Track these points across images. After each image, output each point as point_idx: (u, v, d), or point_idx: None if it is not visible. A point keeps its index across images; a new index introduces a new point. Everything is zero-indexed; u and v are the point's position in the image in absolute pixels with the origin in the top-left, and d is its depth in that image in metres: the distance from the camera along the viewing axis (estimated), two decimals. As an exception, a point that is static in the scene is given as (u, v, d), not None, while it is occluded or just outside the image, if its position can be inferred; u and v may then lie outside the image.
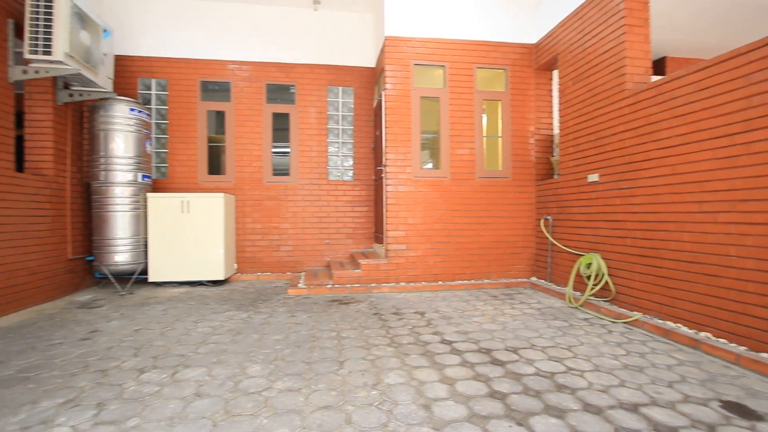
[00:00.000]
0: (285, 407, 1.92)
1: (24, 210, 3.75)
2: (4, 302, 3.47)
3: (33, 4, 3.51)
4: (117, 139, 4.53)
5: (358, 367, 2.41)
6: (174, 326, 3.24)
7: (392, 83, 4.82)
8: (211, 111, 5.55)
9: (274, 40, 5.57)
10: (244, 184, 5.51)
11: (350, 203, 5.73)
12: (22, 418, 1.82)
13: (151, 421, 1.79)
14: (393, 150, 4.81)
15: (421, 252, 4.84)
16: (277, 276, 5.50)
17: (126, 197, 4.59)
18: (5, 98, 3.58)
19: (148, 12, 5.32)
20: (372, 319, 3.48)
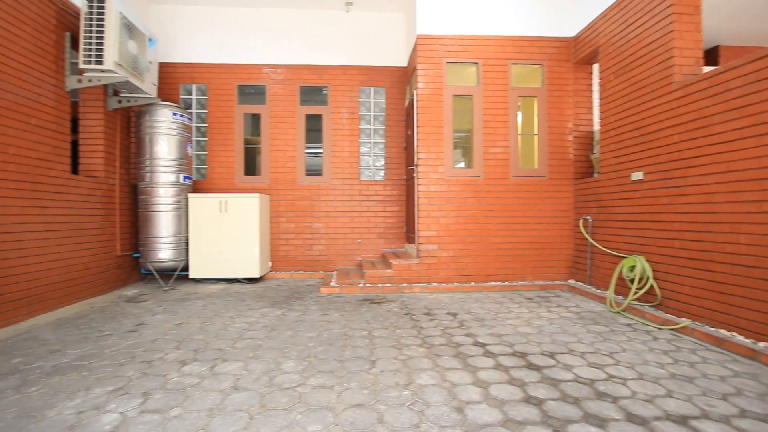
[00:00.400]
0: (318, 403, 1.94)
1: (78, 209, 4.02)
2: (61, 295, 3.74)
3: (87, 18, 3.76)
4: (161, 142, 4.77)
5: (389, 366, 2.41)
6: (213, 321, 3.36)
7: (424, 82, 4.79)
8: (247, 114, 5.73)
9: (307, 42, 5.67)
10: (278, 184, 5.65)
11: (382, 203, 5.74)
12: (77, 403, 1.95)
13: (192, 411, 1.87)
14: (425, 149, 4.78)
15: (453, 252, 4.77)
16: (310, 274, 5.59)
17: (169, 197, 4.82)
18: (62, 106, 3.85)
19: (190, 21, 5.57)
20: (403, 319, 3.47)
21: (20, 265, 3.29)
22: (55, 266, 3.68)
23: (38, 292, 3.48)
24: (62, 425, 1.75)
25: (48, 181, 3.62)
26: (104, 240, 4.43)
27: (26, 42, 3.42)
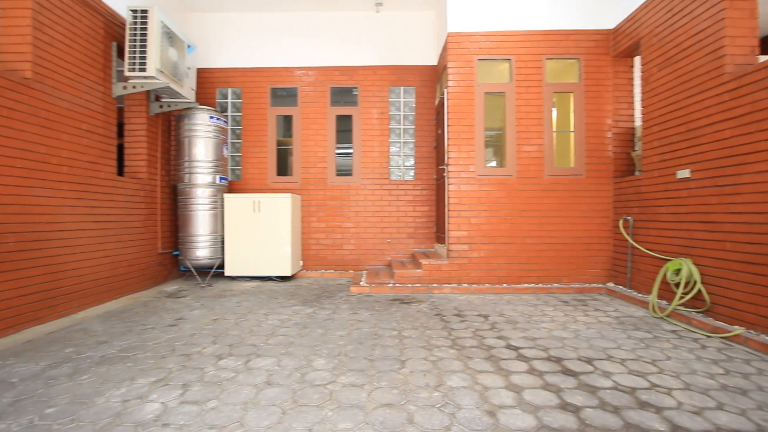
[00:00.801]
0: (348, 401, 1.95)
1: (124, 209, 4.25)
2: (108, 289, 3.97)
3: (131, 27, 3.97)
4: (199, 145, 4.97)
5: (419, 367, 2.39)
6: (247, 318, 3.46)
7: (455, 80, 4.72)
8: (279, 115, 5.87)
9: (338, 44, 5.74)
10: (309, 184, 5.75)
11: (411, 203, 5.72)
12: (123, 392, 2.06)
13: (227, 404, 1.93)
14: (455, 148, 4.71)
15: (484, 253, 4.68)
16: (340, 273, 5.65)
17: (206, 198, 5.01)
18: (109, 111, 4.09)
19: (226, 27, 5.77)
20: (433, 319, 3.44)
21: (73, 261, 3.52)
22: (104, 263, 3.91)
23: (89, 286, 3.71)
24: (110, 412, 1.85)
25: (97, 182, 3.85)
26: (147, 238, 4.66)
27: (78, 53, 3.66)
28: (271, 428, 1.72)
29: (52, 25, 3.37)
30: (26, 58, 3.15)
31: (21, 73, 3.13)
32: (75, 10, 3.61)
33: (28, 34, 3.16)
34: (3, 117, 2.88)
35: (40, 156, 3.20)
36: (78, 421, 1.77)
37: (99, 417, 1.81)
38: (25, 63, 3.15)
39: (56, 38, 3.41)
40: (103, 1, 3.93)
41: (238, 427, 1.72)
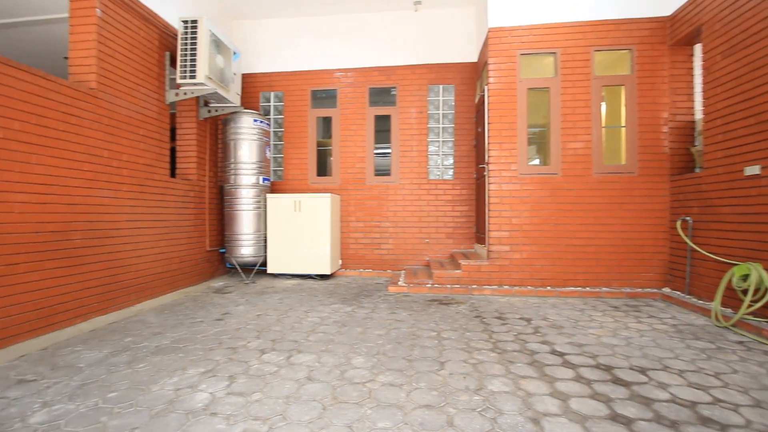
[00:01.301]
0: (387, 401, 1.95)
1: (176, 209, 4.52)
2: (162, 284, 4.23)
3: (183, 37, 4.20)
4: (243, 147, 5.18)
5: (459, 369, 2.35)
6: (288, 314, 3.56)
7: (496, 76, 4.60)
8: (319, 117, 5.99)
9: (376, 44, 5.77)
10: (348, 184, 5.82)
11: (450, 202, 5.64)
12: (175, 380, 2.18)
13: (271, 397, 1.99)
14: (496, 146, 4.59)
15: (526, 254, 4.52)
16: (378, 273, 5.68)
17: (250, 198, 5.21)
18: (163, 117, 4.35)
19: (269, 33, 5.97)
20: (473, 321, 3.36)
21: (132, 257, 3.78)
22: (158, 259, 4.17)
23: (145, 281, 3.97)
24: (164, 399, 1.96)
25: (152, 184, 4.11)
26: (196, 236, 4.92)
27: (136, 63, 3.92)
28: (312, 423, 1.75)
29: (114, 39, 3.63)
30: (91, 69, 3.43)
31: (87, 83, 3.41)
32: (133, 23, 3.88)
33: (93, 48, 3.43)
34: (72, 125, 3.15)
35: (103, 160, 3.46)
36: (136, 406, 1.89)
37: (154, 403, 1.92)
38: (91, 74, 3.42)
39: (117, 50, 3.67)
40: (157, 14, 4.19)
41: (280, 420, 1.77)
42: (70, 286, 3.11)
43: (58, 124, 3.03)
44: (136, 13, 3.90)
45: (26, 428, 1.71)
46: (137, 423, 1.75)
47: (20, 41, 5.50)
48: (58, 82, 3.03)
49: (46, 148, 2.92)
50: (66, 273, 3.07)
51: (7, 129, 2.65)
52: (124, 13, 3.75)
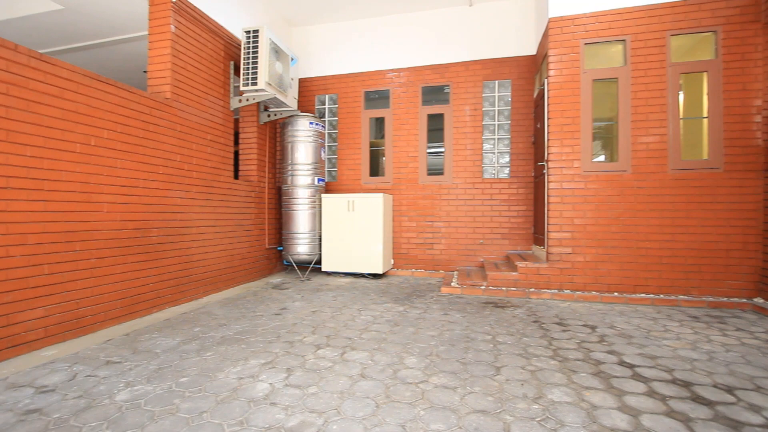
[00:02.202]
0: (441, 403, 1.91)
1: (238, 209, 4.80)
2: (226, 279, 4.52)
3: (245, 46, 4.45)
4: (300, 149, 5.37)
5: (516, 375, 2.25)
6: (342, 312, 3.63)
7: (557, 69, 4.36)
8: (372, 118, 6.06)
9: (429, 43, 5.72)
10: (400, 184, 5.83)
11: (506, 202, 5.44)
12: (238, 370, 2.31)
13: (326, 391, 2.03)
14: (557, 143, 4.35)
15: (590, 257, 4.23)
16: (430, 273, 5.62)
17: (306, 198, 5.40)
18: (228, 123, 4.64)
19: (323, 38, 6.15)
20: (531, 326, 3.21)
21: (200, 253, 4.07)
22: (223, 255, 4.46)
23: (211, 275, 4.26)
24: (228, 387, 2.08)
25: (218, 185, 4.40)
26: (256, 235, 5.19)
27: (204, 73, 4.22)
28: (366, 419, 1.76)
29: (185, 52, 3.94)
30: (166, 81, 3.74)
31: (163, 94, 3.73)
32: (202, 36, 4.18)
33: (167, 62, 3.74)
34: (150, 132, 3.46)
35: (176, 163, 3.77)
36: (204, 392, 2.03)
37: (220, 390, 2.05)
38: (166, 86, 3.74)
39: (188, 62, 3.98)
40: (223, 26, 4.48)
41: (335, 415, 1.80)
42: (148, 278, 3.42)
43: (138, 132, 3.34)
44: (204, 27, 4.20)
45: (113, 404, 1.90)
46: (205, 407, 1.87)
47: (108, 59, 6.16)
48: (138, 93, 3.34)
49: (128, 153, 3.23)
50: (145, 266, 3.39)
51: (98, 137, 2.97)
52: (194, 28, 4.05)
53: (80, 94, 2.84)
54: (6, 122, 2.39)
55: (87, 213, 2.88)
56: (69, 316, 2.76)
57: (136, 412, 1.82)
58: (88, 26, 5.07)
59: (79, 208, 2.82)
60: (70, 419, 1.77)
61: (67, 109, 2.75)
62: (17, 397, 1.96)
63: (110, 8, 4.61)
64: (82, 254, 2.84)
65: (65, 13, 4.70)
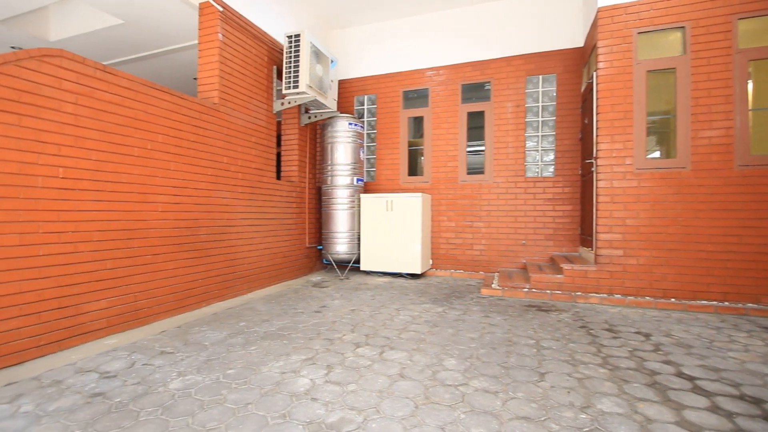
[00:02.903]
0: (481, 407, 1.87)
1: (280, 208, 4.95)
2: (269, 276, 4.67)
3: (287, 51, 4.58)
4: (339, 150, 5.46)
5: (562, 382, 2.15)
6: (380, 311, 3.64)
7: (607, 60, 4.13)
8: (410, 117, 6.03)
9: (469, 39, 5.61)
10: (439, 183, 5.76)
11: (550, 201, 5.22)
12: (280, 364, 2.38)
13: (365, 389, 2.04)
14: (607, 139, 4.12)
15: (644, 260, 3.97)
16: (470, 274, 5.51)
17: (345, 198, 5.47)
18: (271, 126, 4.80)
19: (362, 39, 6.20)
20: (578, 332, 3.06)
21: (244, 251, 4.24)
22: (265, 253, 4.62)
23: (255, 272, 4.42)
24: (271, 380, 2.15)
25: (261, 186, 4.56)
26: (297, 234, 5.33)
27: (249, 78, 4.39)
28: (405, 420, 1.75)
29: (232, 58, 4.12)
30: (214, 87, 3.93)
31: (211, 99, 3.92)
32: (247, 43, 4.35)
33: (215, 68, 3.93)
34: (200, 135, 3.65)
35: (223, 165, 3.94)
36: (249, 384, 2.11)
37: (264, 383, 2.12)
38: (214, 91, 3.93)
39: (234, 68, 4.15)
40: (266, 32, 4.64)
41: (374, 413, 1.81)
42: (198, 274, 3.61)
43: (189, 136, 3.53)
44: (249, 34, 4.37)
45: (167, 392, 2.01)
46: (250, 399, 1.94)
47: (163, 68, 6.57)
48: (189, 99, 3.53)
49: (180, 156, 3.42)
50: (194, 263, 3.57)
51: (153, 141, 3.17)
52: (239, 35, 4.22)
53: (138, 102, 3.04)
54: (75, 129, 2.61)
55: (144, 212, 3.08)
56: (128, 308, 2.96)
57: (187, 401, 1.93)
58: (145, 38, 5.43)
59: (137, 207, 3.03)
60: (129, 404, 1.89)
61: (127, 116, 2.95)
62: (84, 381, 2.14)
63: (165, 20, 4.91)
64: (139, 251, 3.04)
65: (125, 27, 5.07)
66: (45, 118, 2.44)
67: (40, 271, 2.41)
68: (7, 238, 2.26)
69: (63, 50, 2.55)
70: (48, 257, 2.45)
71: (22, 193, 2.32)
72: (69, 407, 1.86)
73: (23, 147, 2.33)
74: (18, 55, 2.32)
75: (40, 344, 2.42)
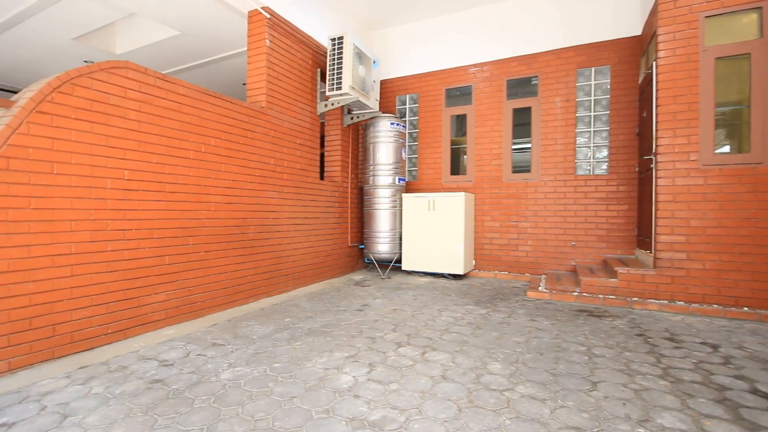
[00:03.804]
0: (528, 414, 1.79)
1: (324, 208, 5.05)
2: (312, 274, 4.79)
3: (331, 53, 4.66)
4: (381, 150, 5.48)
5: (617, 393, 2.01)
6: (422, 311, 3.62)
7: (668, 48, 3.83)
8: (453, 115, 5.93)
9: (514, 33, 5.42)
10: (483, 182, 5.62)
11: (604, 201, 4.93)
12: (324, 361, 2.42)
13: (407, 389, 2.03)
14: (668, 133, 3.82)
15: (711, 264, 3.64)
16: (515, 276, 5.34)
17: (386, 197, 5.49)
18: (315, 127, 4.91)
19: (403, 38, 6.19)
20: (635, 340, 2.86)
21: (290, 249, 4.38)
22: (309, 252, 4.74)
23: (299, 270, 4.55)
24: (315, 376, 2.20)
25: (306, 186, 4.68)
26: (339, 233, 5.42)
27: (294, 81, 4.52)
28: (448, 423, 1.72)
29: (278, 63, 4.26)
30: (262, 91, 4.08)
31: (259, 103, 4.07)
32: (293, 47, 4.49)
33: (263, 73, 4.08)
34: (249, 138, 3.81)
35: (270, 166, 4.09)
36: (294, 378, 2.17)
37: (308, 378, 2.17)
38: (262, 95, 4.08)
39: (280, 72, 4.29)
40: (311, 36, 4.76)
41: (416, 414, 1.79)
42: (246, 271, 3.77)
43: (239, 138, 3.69)
44: (295, 39, 4.50)
45: (218, 382, 2.12)
46: (295, 393, 1.99)
47: (215, 74, 6.94)
48: (239, 104, 3.70)
49: (230, 158, 3.59)
50: (244, 260, 3.74)
51: (207, 144, 3.35)
52: (285, 40, 4.36)
53: (194, 108, 3.23)
54: (138, 134, 2.81)
55: (198, 212, 3.27)
56: (183, 301, 3.15)
57: (237, 391, 2.01)
58: (199, 47, 5.77)
59: (193, 207, 3.22)
60: (185, 391, 2.01)
61: (184, 121, 3.14)
62: (146, 368, 2.30)
63: (217, 29, 5.18)
64: (194, 248, 3.23)
65: (181, 37, 5.41)
66: (113, 124, 2.66)
67: (108, 265, 2.62)
68: (81, 235, 2.48)
69: (128, 62, 2.76)
70: (115, 252, 2.66)
71: (93, 194, 2.54)
72: (132, 391, 2.01)
73: (94, 152, 2.55)
74: (91, 68, 2.54)
75: (108, 332, 2.63)
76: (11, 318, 2.17)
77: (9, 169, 2.16)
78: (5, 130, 2.15)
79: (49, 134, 2.33)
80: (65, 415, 1.78)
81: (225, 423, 1.72)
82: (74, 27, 5.12)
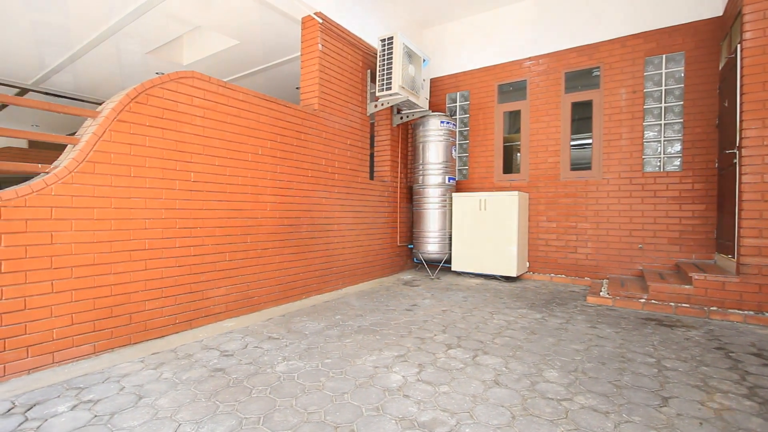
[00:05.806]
0: (588, 426, 1.68)
1: (373, 207, 5.10)
2: (362, 273, 4.85)
3: (381, 54, 4.69)
4: (431, 149, 5.43)
5: (691, 411, 1.83)
6: (473, 313, 3.53)
7: (757, 29, 3.41)
8: (506, 112, 5.73)
9: (573, 23, 5.12)
10: (538, 181, 5.38)
11: (676, 200, 4.50)
12: (374, 359, 2.44)
13: (457, 392, 1.99)
14: (756, 124, 3.40)
15: (809, 272, 3.19)
16: (572, 280, 5.04)
17: (436, 197, 5.42)
18: (365, 127, 4.97)
19: (454, 35, 6.08)
20: (713, 354, 2.58)
21: (340, 248, 4.47)
22: (359, 251, 4.81)
23: (349, 269, 4.63)
24: (365, 373, 2.22)
25: (356, 185, 4.75)
26: (389, 232, 5.45)
27: (345, 83, 4.61)
28: (500, 429, 1.66)
29: (330, 66, 4.36)
30: (315, 94, 4.21)
31: (312, 106, 4.20)
32: (344, 50, 4.58)
33: (316, 77, 4.20)
34: (302, 140, 3.94)
35: (321, 167, 4.20)
36: (345, 375, 2.20)
37: (358, 375, 2.20)
38: (314, 98, 4.21)
39: (332, 75, 4.40)
40: (361, 38, 4.82)
41: (467, 418, 1.75)
42: (299, 268, 3.90)
43: (293, 141, 3.83)
44: (345, 41, 4.59)
45: (274, 374, 2.21)
46: (346, 389, 2.03)
47: (272, 79, 7.27)
48: (293, 107, 3.84)
49: (285, 159, 3.74)
50: (296, 258, 3.87)
51: (263, 147, 3.51)
52: (337, 44, 4.46)
53: (251, 112, 3.40)
54: (203, 139, 3.02)
55: (255, 211, 3.44)
56: (242, 296, 3.33)
57: (291, 384, 2.09)
58: (257, 54, 6.07)
59: (250, 207, 3.39)
60: (244, 381, 2.12)
61: (242, 125, 3.32)
62: (208, 357, 2.46)
63: (273, 36, 5.42)
64: (251, 245, 3.40)
65: (240, 46, 5.72)
66: (181, 130, 2.87)
67: (176, 260, 2.84)
68: (154, 232, 2.70)
69: (195, 71, 2.97)
70: (182, 249, 2.88)
71: (164, 194, 2.76)
72: (197, 378, 2.15)
73: (165, 156, 2.77)
74: (162, 78, 2.76)
75: (176, 322, 2.85)
76: (96, 306, 2.42)
77: (95, 173, 2.41)
78: (92, 138, 2.40)
79: (127, 140, 2.57)
80: (140, 396, 1.95)
81: (280, 413, 1.79)
82: (148, 42, 5.60)
